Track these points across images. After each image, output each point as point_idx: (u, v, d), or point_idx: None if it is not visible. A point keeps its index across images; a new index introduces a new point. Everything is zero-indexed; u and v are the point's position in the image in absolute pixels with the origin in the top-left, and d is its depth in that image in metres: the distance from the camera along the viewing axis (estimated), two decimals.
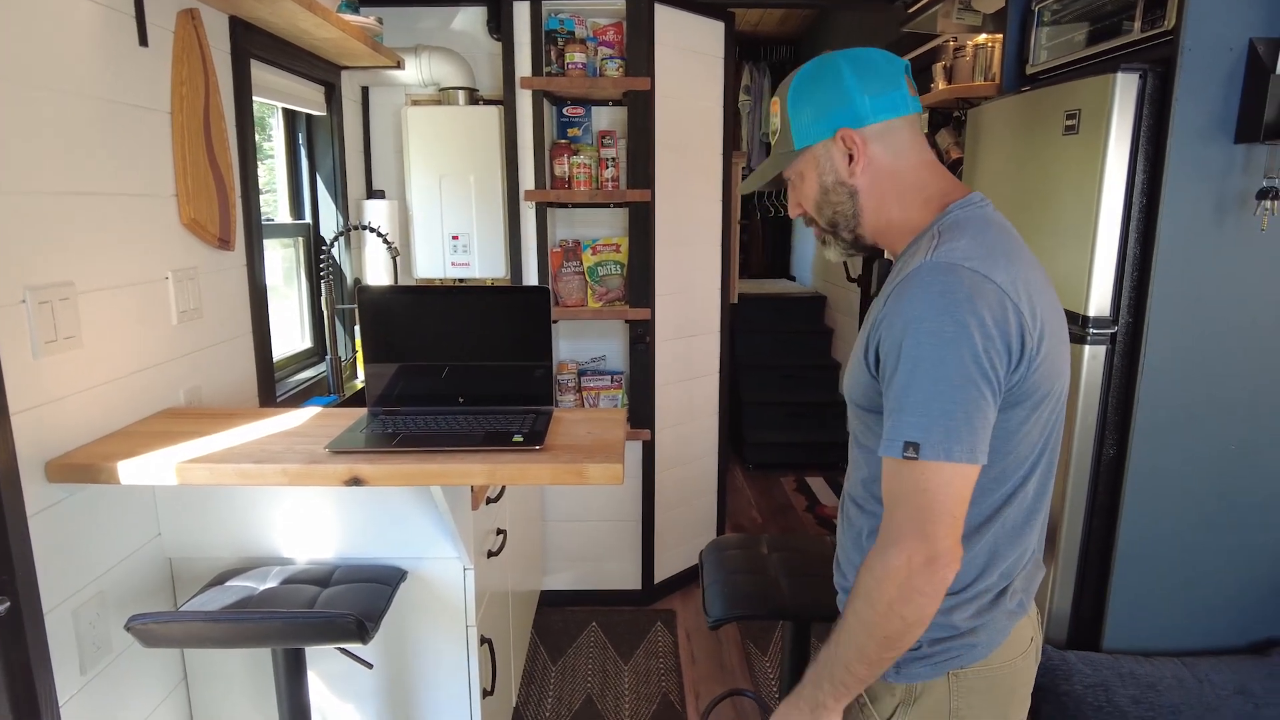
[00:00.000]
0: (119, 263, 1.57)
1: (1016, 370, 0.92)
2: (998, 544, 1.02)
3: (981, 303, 0.89)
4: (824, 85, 1.05)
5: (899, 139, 1.05)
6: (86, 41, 1.49)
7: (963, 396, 0.89)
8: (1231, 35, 1.42)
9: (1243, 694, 1.56)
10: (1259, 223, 1.47)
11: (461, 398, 1.72)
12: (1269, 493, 1.59)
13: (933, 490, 0.90)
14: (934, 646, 1.03)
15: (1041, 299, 0.96)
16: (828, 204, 1.08)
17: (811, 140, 1.06)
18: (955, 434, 0.89)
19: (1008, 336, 0.90)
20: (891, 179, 1.05)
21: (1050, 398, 0.98)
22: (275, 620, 1.37)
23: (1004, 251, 0.96)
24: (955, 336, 0.88)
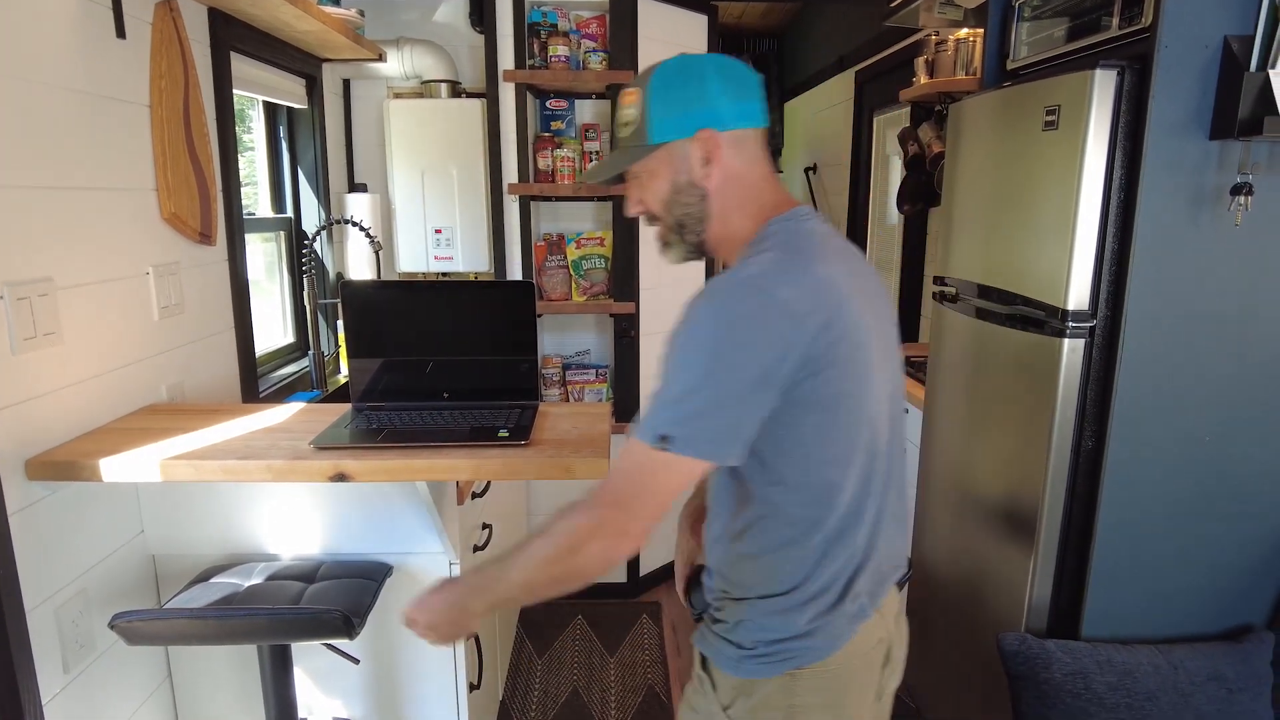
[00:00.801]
0: (99, 258, 1.56)
1: (789, 385, 0.95)
2: (824, 548, 1.04)
3: (756, 320, 0.93)
4: (689, 84, 1.05)
5: (750, 149, 1.07)
6: (63, 33, 1.47)
7: (719, 402, 0.93)
8: (1207, 33, 1.44)
9: (1216, 680, 1.59)
10: (1233, 218, 1.49)
11: (446, 393, 1.72)
12: (1242, 483, 1.62)
13: (658, 477, 0.96)
14: (771, 647, 1.05)
15: (849, 310, 0.98)
16: (678, 204, 1.08)
17: (670, 136, 1.05)
18: (704, 435, 0.94)
19: (778, 353, 0.93)
20: (739, 186, 1.07)
21: (852, 406, 1.00)
22: (260, 616, 1.37)
23: (802, 266, 0.98)
24: (724, 348, 0.93)
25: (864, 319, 1.00)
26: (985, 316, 1.88)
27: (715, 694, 1.10)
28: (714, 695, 1.10)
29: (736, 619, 1.08)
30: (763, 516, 1.04)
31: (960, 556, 2.03)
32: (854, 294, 1.00)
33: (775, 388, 0.94)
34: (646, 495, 0.97)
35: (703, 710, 1.12)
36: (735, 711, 1.09)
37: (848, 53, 4.20)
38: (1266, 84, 1.39)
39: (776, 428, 0.98)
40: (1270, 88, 1.39)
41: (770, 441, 0.99)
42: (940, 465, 2.15)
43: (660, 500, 0.97)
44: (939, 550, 2.16)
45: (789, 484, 1.02)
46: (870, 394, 1.02)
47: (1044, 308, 1.64)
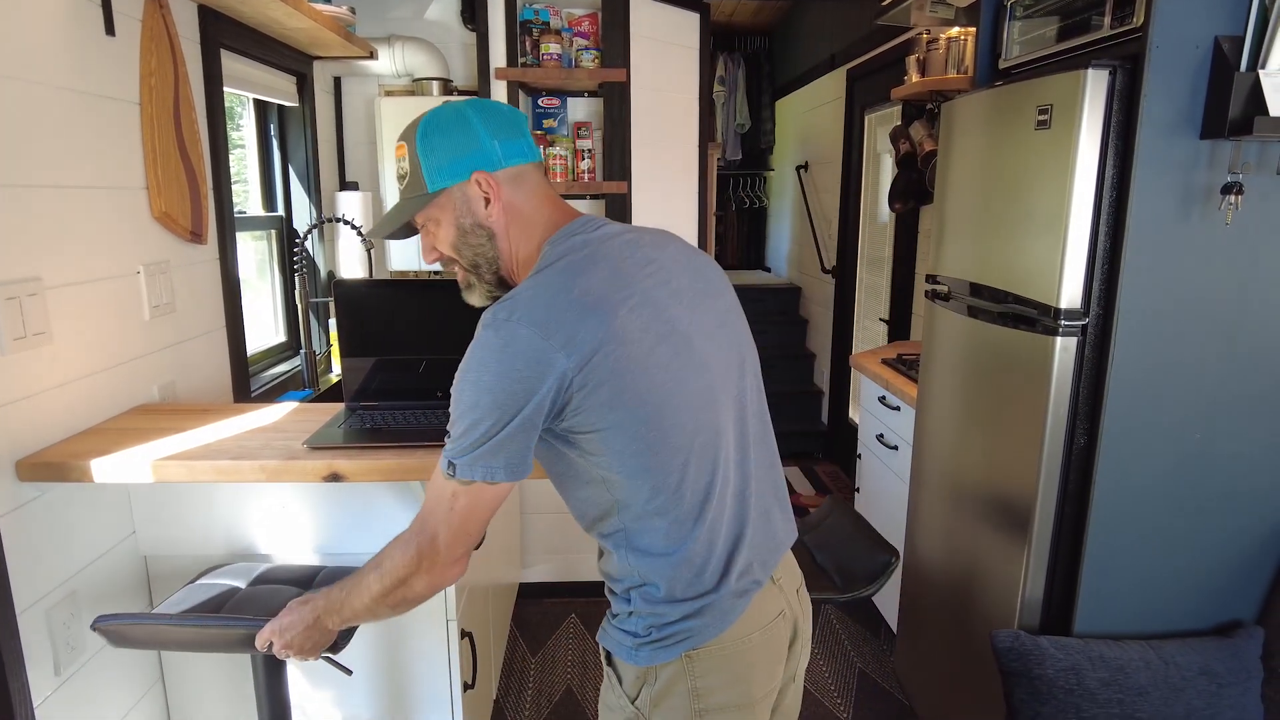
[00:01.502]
0: (89, 257, 1.55)
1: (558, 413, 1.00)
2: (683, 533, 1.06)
3: (508, 355, 0.98)
4: (454, 131, 1.08)
5: (530, 181, 1.12)
6: (51, 31, 1.46)
7: (488, 430, 0.98)
8: (1198, 33, 1.44)
9: (1206, 675, 1.60)
10: (1224, 217, 1.50)
11: (440, 391, 1.71)
12: (1233, 480, 1.63)
13: (460, 502, 1.03)
14: (663, 631, 1.08)
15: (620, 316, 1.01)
16: (467, 246, 1.12)
17: (446, 182, 1.09)
18: (479, 461, 1.00)
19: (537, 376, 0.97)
20: (522, 220, 1.11)
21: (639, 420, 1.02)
22: (239, 626, 1.34)
23: (558, 286, 1.02)
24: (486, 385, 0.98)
25: (637, 319, 1.02)
26: (978, 315, 1.89)
27: (621, 687, 1.13)
28: (620, 688, 1.13)
29: (627, 610, 1.11)
30: (606, 514, 1.08)
31: (954, 554, 2.04)
32: (629, 297, 1.03)
33: (541, 412, 0.99)
34: (451, 523, 1.04)
35: (614, 705, 1.15)
36: (641, 701, 1.11)
37: (839, 51, 4.20)
38: (1257, 84, 1.40)
39: (577, 437, 1.03)
40: (1260, 88, 1.40)
41: (579, 448, 1.04)
42: (934, 463, 2.16)
43: (466, 526, 1.05)
44: (933, 548, 2.16)
45: (616, 482, 1.05)
46: (668, 387, 1.04)
47: (1036, 306, 1.65)
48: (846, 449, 4.22)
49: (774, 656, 1.16)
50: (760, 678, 1.13)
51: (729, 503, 1.11)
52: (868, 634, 2.83)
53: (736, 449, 1.13)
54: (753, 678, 1.13)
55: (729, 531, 1.11)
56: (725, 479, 1.10)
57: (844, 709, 2.43)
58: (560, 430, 1.03)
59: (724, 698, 1.10)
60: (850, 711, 2.42)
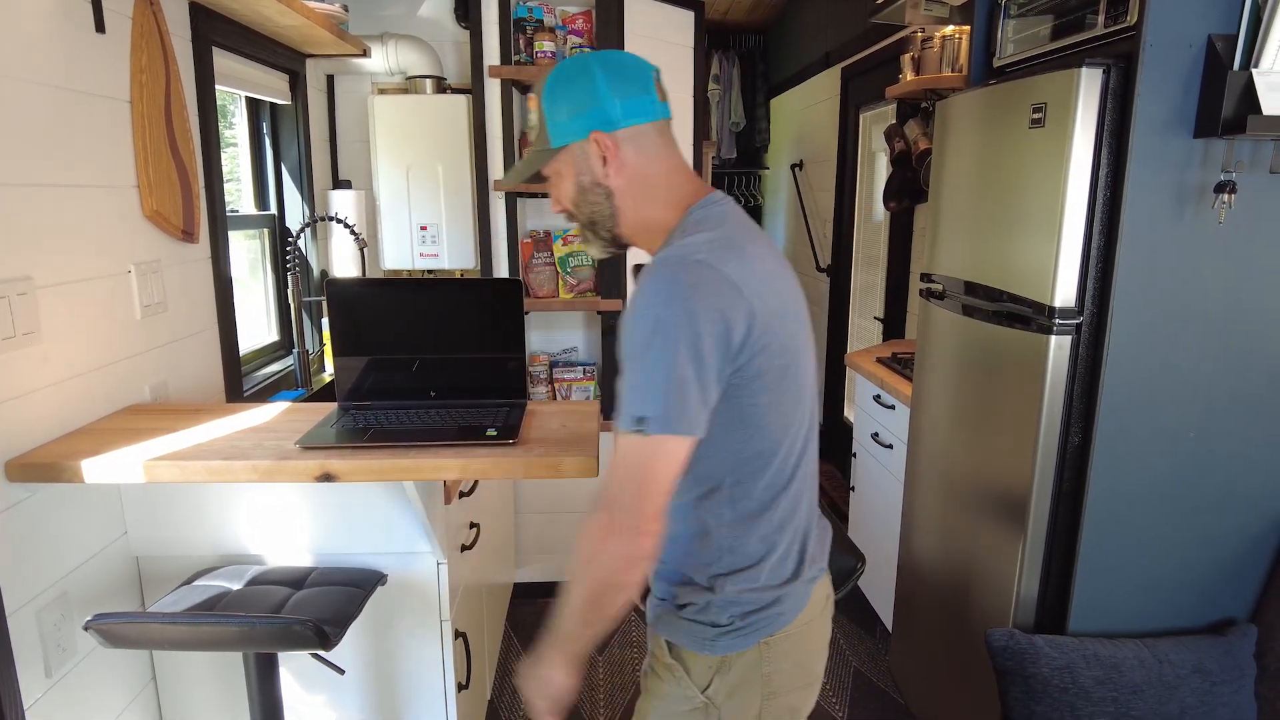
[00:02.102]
0: (80, 256, 1.54)
1: (740, 354, 0.99)
2: (780, 516, 1.10)
3: (705, 291, 0.96)
4: (577, 86, 1.07)
5: (649, 143, 1.10)
6: (41, 28, 1.44)
7: (684, 377, 0.95)
8: (1191, 32, 1.44)
9: (1200, 673, 1.60)
10: (1217, 215, 1.50)
11: (433, 391, 1.71)
12: (1226, 478, 1.63)
13: (645, 463, 0.98)
14: (745, 620, 1.09)
15: (774, 287, 1.04)
16: (585, 203, 1.12)
17: (567, 139, 1.09)
18: (675, 410, 0.96)
19: (728, 324, 0.97)
20: (644, 181, 1.10)
21: (794, 377, 1.06)
22: (233, 624, 1.34)
23: (738, 246, 1.03)
24: (679, 322, 0.95)
25: (789, 297, 1.07)
26: (972, 313, 1.89)
27: (689, 677, 1.13)
28: (688, 679, 1.13)
29: (706, 600, 1.11)
30: (719, 490, 1.08)
31: (948, 553, 2.04)
32: (776, 274, 1.06)
33: (729, 356, 0.98)
34: (640, 485, 0.98)
35: (675, 696, 1.14)
36: (714, 690, 1.11)
37: (834, 49, 4.20)
38: (1250, 83, 1.40)
39: (731, 399, 1.01)
40: (1253, 86, 1.40)
41: (726, 413, 1.02)
42: (928, 462, 2.16)
43: (655, 487, 0.98)
44: (927, 546, 2.17)
45: (746, 455, 1.06)
46: (805, 367, 1.08)
47: (1031, 304, 1.65)
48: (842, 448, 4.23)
49: (826, 637, 1.21)
50: (819, 658, 1.19)
51: (806, 490, 1.15)
52: (863, 633, 2.83)
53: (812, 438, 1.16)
54: (815, 659, 1.18)
55: (804, 518, 1.15)
56: (805, 465, 1.13)
57: (839, 708, 2.43)
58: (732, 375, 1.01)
59: (790, 680, 1.14)
60: (846, 710, 2.42)
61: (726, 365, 0.99)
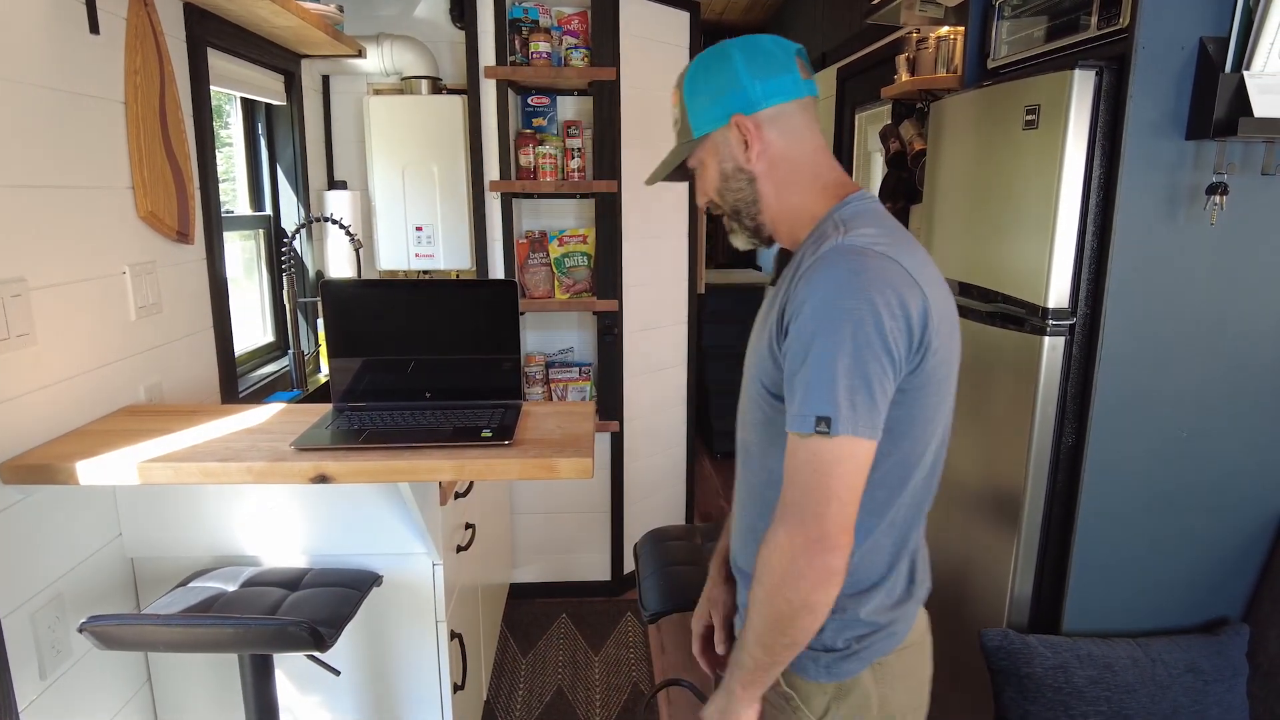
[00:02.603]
0: (74, 257, 1.53)
1: (917, 353, 0.94)
2: (903, 531, 1.05)
3: (889, 284, 0.91)
4: (716, 72, 1.06)
5: (793, 123, 1.06)
6: (34, 29, 1.44)
7: (869, 375, 0.90)
8: (1183, 34, 1.45)
9: (1193, 672, 1.61)
10: (1209, 217, 1.51)
11: (428, 392, 1.71)
12: (1218, 478, 1.64)
13: (829, 469, 0.90)
14: (861, 643, 1.05)
15: (942, 290, 1.00)
16: (729, 190, 1.09)
17: (708, 128, 1.07)
18: (861, 410, 0.90)
19: (910, 319, 0.92)
20: (788, 165, 1.06)
21: (946, 386, 1.01)
22: (227, 626, 1.33)
23: (907, 241, 0.99)
24: (864, 315, 0.90)
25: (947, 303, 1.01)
26: (966, 314, 1.89)
27: (805, 707, 1.07)
28: (804, 709, 1.07)
29: None
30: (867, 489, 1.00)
31: (942, 553, 2.04)
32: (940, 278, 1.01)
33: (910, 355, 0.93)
34: (827, 493, 0.90)
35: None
36: (833, 717, 1.07)
37: (829, 49, 4.21)
38: (1241, 85, 1.41)
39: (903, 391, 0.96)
40: (1245, 89, 1.41)
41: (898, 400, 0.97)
42: None
43: (842, 493, 0.91)
44: None
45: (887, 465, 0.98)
46: (954, 374, 1.02)
47: (1025, 305, 1.66)
48: None
49: (930, 658, 1.17)
50: (928, 677, 1.16)
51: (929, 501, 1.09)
52: None
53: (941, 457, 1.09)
54: (924, 673, 1.15)
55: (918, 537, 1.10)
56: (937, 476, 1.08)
57: None
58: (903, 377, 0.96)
59: (905, 702, 1.11)
60: None
61: (906, 364, 0.93)
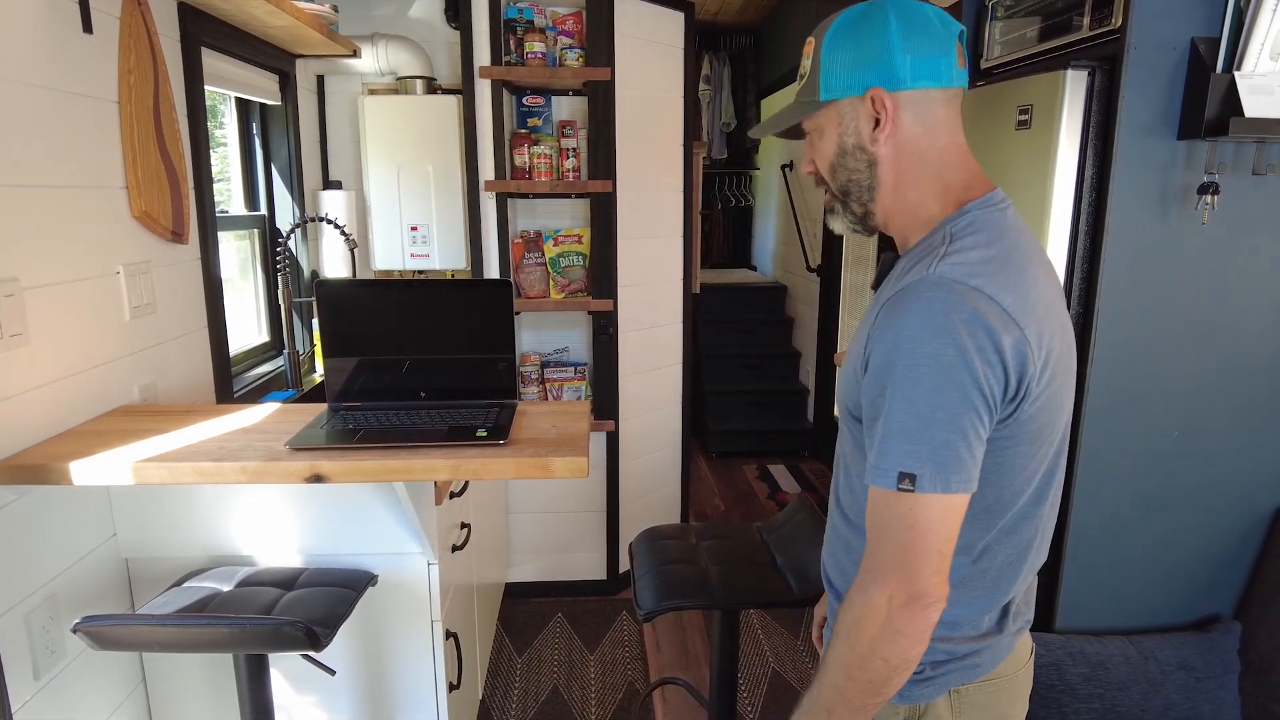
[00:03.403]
0: (68, 257, 1.53)
1: (1014, 400, 0.86)
2: (997, 579, 0.98)
3: (980, 324, 0.83)
4: (865, 35, 0.94)
5: (933, 113, 0.95)
6: (27, 28, 1.44)
7: (960, 426, 0.83)
8: (1174, 35, 1.46)
9: (1185, 669, 1.62)
10: (1200, 216, 1.52)
11: (423, 392, 1.71)
12: (1209, 476, 1.65)
13: (922, 524, 0.84)
14: (936, 670, 0.99)
15: (1051, 323, 0.90)
16: (843, 168, 0.99)
17: (840, 94, 0.96)
18: (951, 465, 0.83)
19: (1006, 364, 0.84)
20: (916, 156, 0.96)
21: (1050, 430, 0.92)
22: (222, 626, 1.33)
23: (1017, 267, 0.89)
24: (954, 361, 0.82)
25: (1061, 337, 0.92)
26: None
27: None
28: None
29: None
30: None
31: None
32: (1054, 306, 0.92)
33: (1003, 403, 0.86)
34: (917, 550, 0.85)
35: None
36: None
37: None
38: (1232, 85, 1.42)
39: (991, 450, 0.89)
40: (1236, 89, 1.41)
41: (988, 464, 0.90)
42: None
43: (934, 548, 0.85)
44: None
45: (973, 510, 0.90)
46: (1063, 417, 0.94)
47: None
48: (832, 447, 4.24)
49: (1026, 693, 1.08)
50: (1016, 713, 1.06)
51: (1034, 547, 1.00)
52: None
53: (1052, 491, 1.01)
54: (1015, 713, 1.05)
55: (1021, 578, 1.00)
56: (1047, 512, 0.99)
57: None
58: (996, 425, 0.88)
59: None
60: None
61: (1001, 410, 0.86)
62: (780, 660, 2.70)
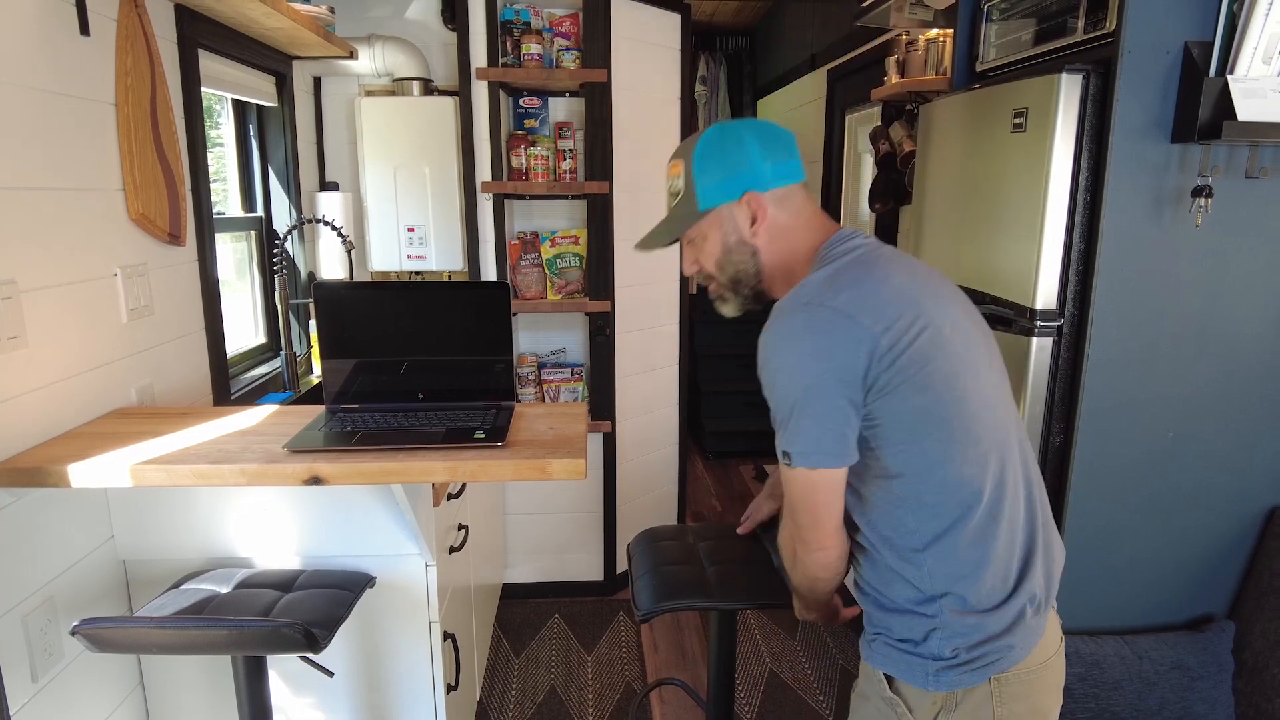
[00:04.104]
0: (65, 260, 1.53)
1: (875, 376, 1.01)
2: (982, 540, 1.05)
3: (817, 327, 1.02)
4: (729, 152, 1.13)
5: (793, 200, 1.15)
6: (24, 30, 1.44)
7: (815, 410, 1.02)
8: (1168, 38, 1.47)
9: (1179, 669, 1.63)
10: (1194, 219, 1.53)
11: (421, 394, 1.71)
12: (1203, 478, 1.66)
13: (806, 490, 1.07)
14: (973, 652, 1.05)
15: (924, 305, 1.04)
16: (730, 263, 1.17)
17: (716, 202, 1.14)
18: (817, 443, 1.04)
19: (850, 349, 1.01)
20: (786, 236, 1.15)
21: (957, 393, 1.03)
22: (220, 628, 1.33)
23: (850, 274, 1.06)
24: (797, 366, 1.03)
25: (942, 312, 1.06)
26: None
27: (912, 715, 1.09)
28: (910, 716, 1.09)
29: (926, 628, 1.07)
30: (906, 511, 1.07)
31: None
32: (924, 291, 1.06)
33: (856, 388, 1.02)
34: (805, 509, 1.09)
35: None
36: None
37: (819, 51, 4.22)
38: (1225, 89, 1.43)
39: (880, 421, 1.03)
40: (1229, 93, 1.42)
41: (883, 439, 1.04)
42: None
43: (816, 509, 1.08)
44: None
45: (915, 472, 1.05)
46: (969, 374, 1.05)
47: (1013, 307, 1.67)
48: None
49: (1060, 684, 1.15)
50: (1053, 704, 1.12)
51: (1021, 510, 1.10)
52: (850, 631, 2.85)
53: (1021, 462, 1.12)
54: (1049, 705, 1.12)
55: (1024, 540, 1.09)
56: (1017, 483, 1.09)
57: (826, 705, 2.45)
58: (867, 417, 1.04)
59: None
60: (832, 708, 2.44)
61: (856, 395, 1.02)
62: (777, 660, 2.71)
